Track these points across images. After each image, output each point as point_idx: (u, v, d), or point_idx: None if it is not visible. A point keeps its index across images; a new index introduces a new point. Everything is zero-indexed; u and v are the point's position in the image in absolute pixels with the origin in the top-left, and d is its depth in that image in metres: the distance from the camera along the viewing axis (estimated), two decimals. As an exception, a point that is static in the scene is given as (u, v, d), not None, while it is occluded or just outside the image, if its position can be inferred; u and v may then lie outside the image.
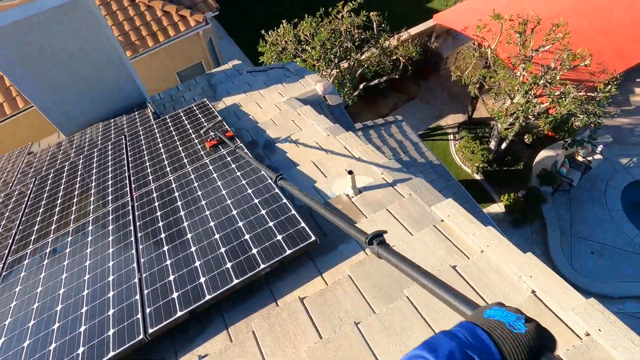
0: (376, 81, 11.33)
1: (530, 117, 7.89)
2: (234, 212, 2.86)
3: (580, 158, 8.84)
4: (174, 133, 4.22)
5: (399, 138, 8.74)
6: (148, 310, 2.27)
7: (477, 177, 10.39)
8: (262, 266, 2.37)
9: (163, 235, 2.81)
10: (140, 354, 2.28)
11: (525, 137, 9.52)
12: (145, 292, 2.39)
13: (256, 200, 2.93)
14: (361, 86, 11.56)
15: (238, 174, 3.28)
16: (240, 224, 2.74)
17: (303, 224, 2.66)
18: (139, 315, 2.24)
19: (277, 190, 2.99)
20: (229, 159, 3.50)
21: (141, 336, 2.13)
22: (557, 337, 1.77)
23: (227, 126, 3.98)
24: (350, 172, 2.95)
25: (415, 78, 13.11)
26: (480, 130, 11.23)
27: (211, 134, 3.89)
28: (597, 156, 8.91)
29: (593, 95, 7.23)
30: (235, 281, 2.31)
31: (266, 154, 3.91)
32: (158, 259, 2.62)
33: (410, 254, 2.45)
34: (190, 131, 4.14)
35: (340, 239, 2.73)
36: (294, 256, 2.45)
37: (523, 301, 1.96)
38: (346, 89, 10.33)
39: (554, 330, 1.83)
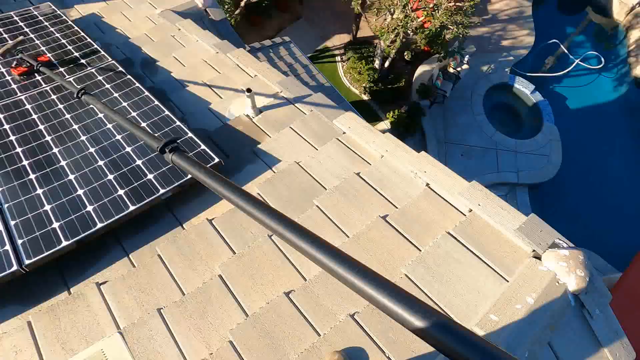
0: (258, -4, 10.55)
1: (409, 32, 8.31)
2: (119, 136, 2.60)
3: (451, 70, 9.76)
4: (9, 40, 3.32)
5: (288, 61, 8.47)
6: (20, 241, 2.04)
7: (365, 97, 10.88)
8: (162, 191, 2.25)
9: (25, 163, 2.43)
10: (18, 286, 2.06)
11: (405, 53, 10.10)
12: (12, 222, 2.13)
13: (144, 124, 2.70)
14: (242, 3, 10.66)
15: (116, 95, 2.91)
16: (129, 149, 2.52)
17: (203, 146, 2.54)
18: (7, 247, 2.01)
19: (167, 112, 2.76)
20: (100, 77, 3.04)
21: (15, 267, 1.93)
22: (449, 218, 2.05)
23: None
24: (249, 91, 2.80)
25: (298, -5, 12.54)
26: (365, 50, 11.51)
27: (16, 54, 3.09)
28: (465, 66, 9.89)
29: (460, 5, 7.85)
30: (132, 207, 2.18)
31: (146, 74, 3.46)
32: (23, 187, 2.30)
33: (317, 167, 2.52)
34: (38, 42, 3.37)
35: (245, 160, 2.67)
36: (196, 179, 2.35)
37: (419, 194, 2.21)
38: (226, 6, 9.44)
39: (445, 212, 2.14)
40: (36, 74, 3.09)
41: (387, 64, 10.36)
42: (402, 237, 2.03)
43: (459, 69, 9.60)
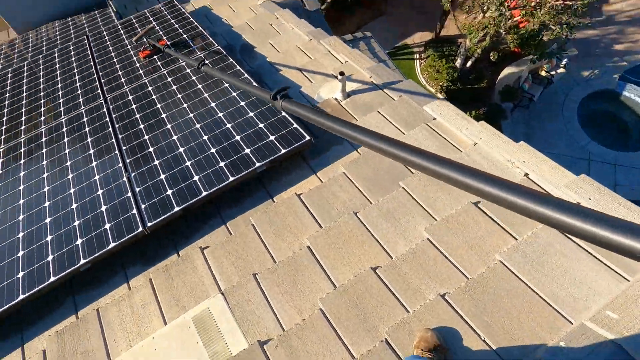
0: (344, -8, 10.66)
1: (501, 31, 7.82)
2: (220, 114, 2.79)
3: (543, 73, 9.01)
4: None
5: (367, 56, 8.51)
6: (143, 206, 2.29)
7: (440, 96, 10.53)
8: (258, 164, 2.38)
9: (147, 137, 2.71)
10: (140, 246, 2.33)
11: (491, 54, 9.57)
12: (137, 189, 2.39)
13: (243, 103, 2.85)
14: (330, -1, 10.87)
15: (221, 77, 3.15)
16: (229, 125, 2.69)
17: (296, 125, 2.64)
18: (135, 211, 2.26)
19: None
20: (207, 61, 3.29)
21: (140, 229, 2.16)
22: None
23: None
24: (341, 74, 2.86)
25: (383, -8, 12.45)
26: (447, 48, 11.11)
27: (144, 40, 3.65)
28: (560, 70, 9.08)
29: (570, 3, 7.10)
30: (231, 178, 2.34)
31: (245, 59, 3.68)
32: (145, 159, 2.57)
33: (405, 150, 2.49)
34: (161, 33, 3.78)
35: (332, 141, 2.73)
36: (288, 155, 2.46)
37: (517, 183, 2.10)
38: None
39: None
40: (156, 59, 3.52)
41: (469, 63, 9.93)
42: (495, 224, 1.95)
43: (553, 72, 8.85)
